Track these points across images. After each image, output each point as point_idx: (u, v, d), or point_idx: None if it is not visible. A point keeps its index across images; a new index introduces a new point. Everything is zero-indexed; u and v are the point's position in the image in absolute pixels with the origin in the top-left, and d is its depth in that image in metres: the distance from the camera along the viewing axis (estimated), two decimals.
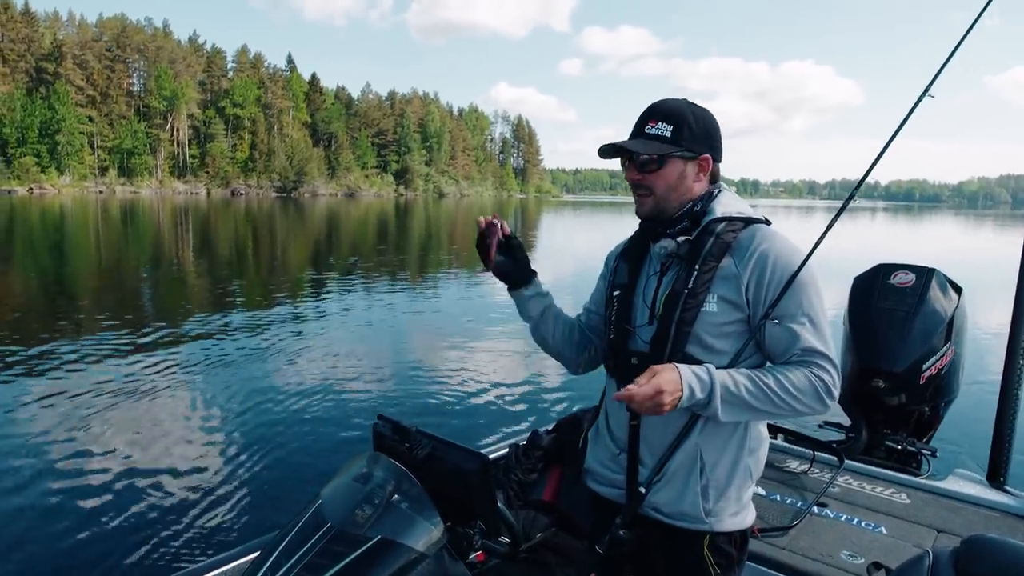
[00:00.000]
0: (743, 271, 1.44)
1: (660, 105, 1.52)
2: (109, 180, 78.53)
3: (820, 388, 1.40)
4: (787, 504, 2.51)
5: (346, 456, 1.81)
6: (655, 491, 1.50)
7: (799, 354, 1.42)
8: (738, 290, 1.44)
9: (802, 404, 1.40)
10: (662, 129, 1.48)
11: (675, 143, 1.48)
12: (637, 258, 1.61)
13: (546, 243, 29.50)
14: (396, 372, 7.41)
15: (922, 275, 3.25)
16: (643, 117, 1.52)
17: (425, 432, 1.70)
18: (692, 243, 1.49)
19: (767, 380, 1.39)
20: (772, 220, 1.55)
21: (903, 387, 3.13)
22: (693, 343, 1.45)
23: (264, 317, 10.29)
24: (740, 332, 1.46)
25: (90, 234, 26.80)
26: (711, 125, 1.53)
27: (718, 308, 1.44)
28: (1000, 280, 8.61)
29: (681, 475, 1.49)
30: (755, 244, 1.45)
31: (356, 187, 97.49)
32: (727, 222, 1.49)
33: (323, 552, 1.41)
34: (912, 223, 64.09)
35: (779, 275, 1.42)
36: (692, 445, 1.48)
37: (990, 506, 2.54)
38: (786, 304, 1.42)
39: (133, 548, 3.66)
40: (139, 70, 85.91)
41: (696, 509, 1.49)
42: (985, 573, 1.38)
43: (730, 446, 1.50)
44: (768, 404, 1.39)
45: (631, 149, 1.49)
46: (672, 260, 1.51)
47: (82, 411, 5.80)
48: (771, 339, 1.44)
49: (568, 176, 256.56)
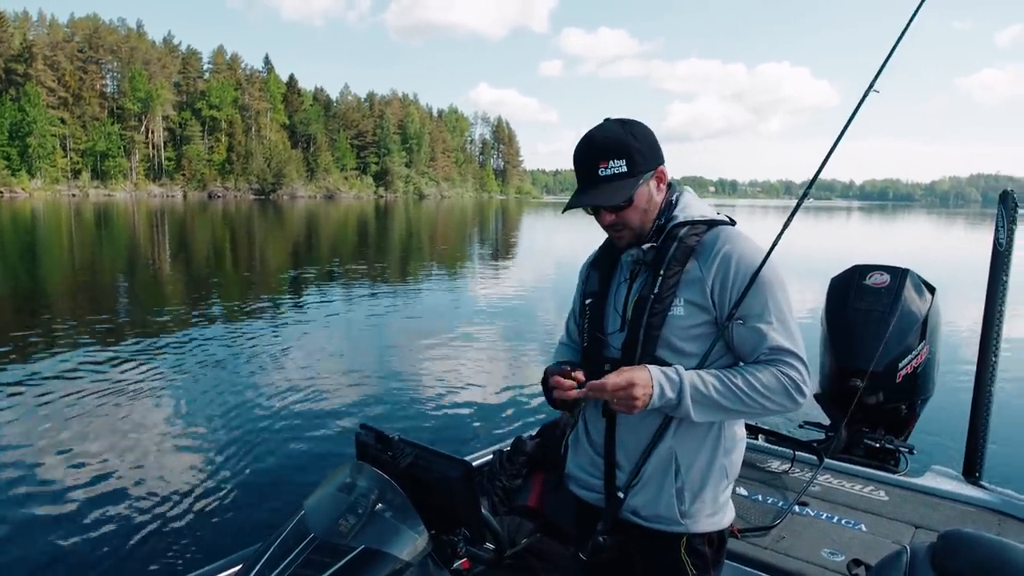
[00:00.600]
0: (707, 273, 1.46)
1: (601, 143, 1.48)
2: (82, 183, 77.07)
3: (789, 386, 1.42)
4: (768, 504, 2.53)
5: (329, 466, 1.80)
6: (632, 494, 1.52)
7: (767, 353, 1.44)
8: (703, 293, 1.46)
9: (772, 402, 1.42)
10: (616, 167, 1.46)
11: (632, 174, 1.47)
12: (608, 267, 1.63)
13: (527, 244, 29.54)
14: (378, 379, 7.34)
15: (897, 275, 3.31)
16: (589, 160, 1.48)
17: (408, 440, 1.70)
18: (657, 249, 1.51)
19: (735, 380, 1.41)
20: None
21: (880, 386, 3.17)
22: (663, 347, 1.47)
23: (243, 323, 10.17)
24: (708, 334, 1.48)
25: (63, 238, 26.27)
26: (649, 135, 1.52)
27: (685, 311, 1.46)
28: (971, 279, 8.79)
29: (656, 478, 1.51)
30: (718, 246, 1.47)
31: (335, 189, 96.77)
32: (690, 226, 1.51)
33: (306, 563, 1.41)
34: (886, 222, 65.13)
35: (743, 275, 1.44)
36: (667, 447, 1.50)
37: (966, 501, 2.58)
38: (751, 304, 1.44)
39: (111, 563, 3.59)
40: (112, 71, 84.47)
41: (671, 511, 1.51)
42: (961, 567, 1.41)
43: (705, 447, 1.52)
44: (738, 403, 1.41)
45: (599, 205, 1.49)
46: (639, 267, 1.54)
47: (55, 421, 5.68)
48: (739, 339, 1.47)
49: (548, 177, 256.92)
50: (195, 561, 3.56)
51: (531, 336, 9.77)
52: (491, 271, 18.44)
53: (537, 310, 12.14)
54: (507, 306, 12.34)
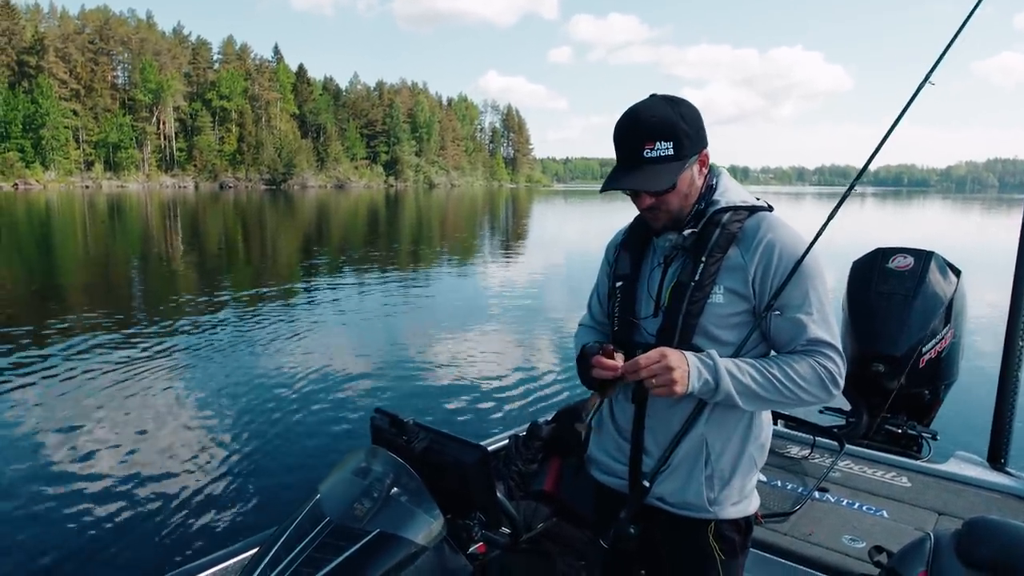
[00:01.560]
0: (749, 262, 1.42)
1: (647, 121, 1.40)
2: (95, 174, 77.66)
3: (826, 378, 1.40)
4: (788, 490, 2.50)
5: (344, 450, 1.80)
6: (659, 481, 1.49)
7: (805, 344, 1.41)
8: (745, 281, 1.42)
9: (808, 394, 1.40)
10: (663, 149, 1.39)
11: (679, 158, 1.41)
12: (640, 249, 1.58)
13: (538, 233, 29.47)
14: (393, 364, 7.36)
15: (921, 258, 3.24)
16: (634, 139, 1.40)
17: (423, 425, 1.69)
18: (698, 235, 1.46)
19: (772, 369, 1.39)
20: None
21: (903, 371, 3.12)
22: (699, 335, 1.44)
23: (257, 311, 10.21)
24: (745, 323, 1.44)
25: (77, 229, 26.52)
26: (697, 117, 1.45)
27: (724, 299, 1.43)
28: (997, 263, 8.65)
29: (686, 465, 1.49)
30: (761, 234, 1.43)
31: (346, 179, 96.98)
32: (732, 211, 1.46)
33: (322, 546, 1.41)
34: (901, 208, 64.42)
35: (785, 265, 1.40)
36: (698, 434, 1.47)
37: (991, 488, 2.54)
38: (792, 294, 1.41)
39: (131, 544, 3.64)
40: (123, 63, 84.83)
41: (700, 499, 1.49)
42: (987, 554, 1.40)
43: (736, 435, 1.50)
44: (774, 393, 1.39)
45: (643, 190, 1.42)
46: (676, 252, 1.49)
47: (76, 407, 5.74)
48: (777, 329, 1.44)
49: (559, 165, 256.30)
50: (212, 544, 3.60)
51: (544, 322, 9.75)
52: (504, 259, 18.42)
53: (550, 297, 12.12)
54: (520, 292, 12.34)
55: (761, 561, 2.12)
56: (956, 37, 1.61)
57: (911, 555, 1.51)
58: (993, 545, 1.41)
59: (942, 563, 1.44)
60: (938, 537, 1.49)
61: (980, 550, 1.41)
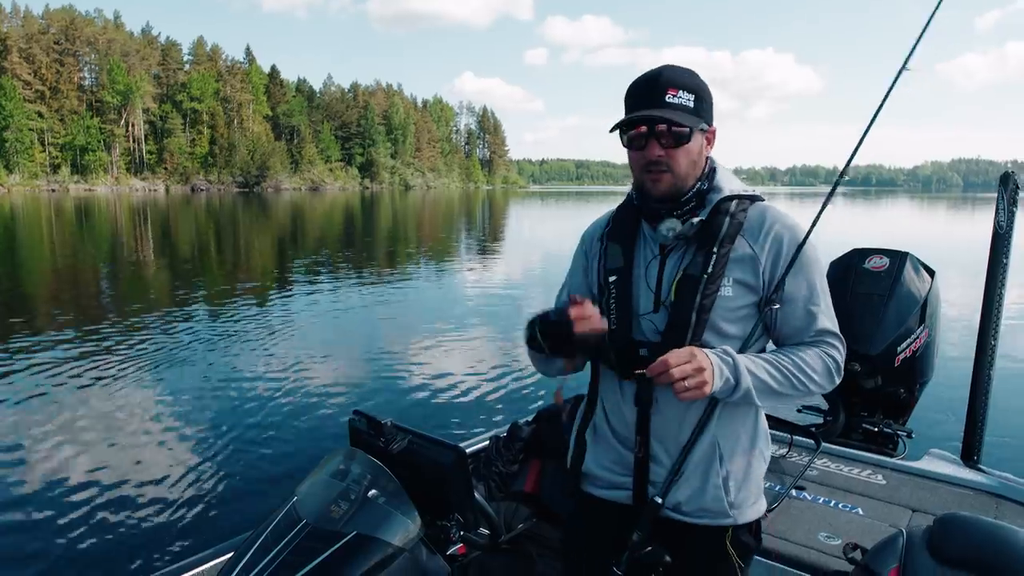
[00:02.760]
0: (760, 253, 1.38)
1: (675, 72, 1.37)
2: (62, 178, 75.98)
3: (832, 367, 1.39)
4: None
5: (321, 452, 1.78)
6: (673, 490, 1.41)
7: (813, 335, 1.39)
8: (756, 272, 1.38)
9: (816, 384, 1.38)
10: (685, 99, 1.34)
11: (698, 113, 1.37)
12: (630, 240, 1.48)
13: (515, 233, 29.49)
14: (371, 366, 7.30)
15: (896, 259, 3.28)
16: (658, 85, 1.35)
17: (401, 426, 1.69)
18: (704, 223, 1.39)
19: (785, 363, 1.36)
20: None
21: (879, 370, 3.15)
22: (709, 330, 1.37)
23: (232, 315, 10.05)
24: (751, 315, 1.40)
25: (43, 233, 25.88)
26: (711, 95, 1.43)
27: (733, 292, 1.37)
28: (968, 261, 8.82)
29: (701, 469, 1.41)
30: (768, 224, 1.39)
31: (320, 181, 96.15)
32: (737, 200, 1.41)
33: (297, 550, 1.40)
34: (872, 207, 65.72)
35: (791, 255, 1.38)
36: (710, 436, 1.40)
37: (964, 485, 2.57)
38: (800, 285, 1.38)
39: (101, 551, 3.57)
40: (90, 64, 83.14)
41: (719, 503, 1.42)
42: (957, 550, 1.42)
43: (744, 433, 1.45)
44: (788, 387, 1.36)
45: (670, 119, 1.33)
46: (677, 242, 1.41)
47: (43, 411, 5.59)
48: (785, 320, 1.40)
49: (535, 167, 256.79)
50: (186, 549, 3.55)
51: (523, 322, 9.68)
52: (481, 259, 18.39)
53: (528, 296, 12.12)
54: (499, 292, 12.33)
55: None
56: (931, 20, 1.62)
57: (884, 551, 1.53)
58: (964, 541, 1.43)
59: (914, 559, 1.46)
60: (911, 534, 1.51)
61: (951, 546, 1.43)
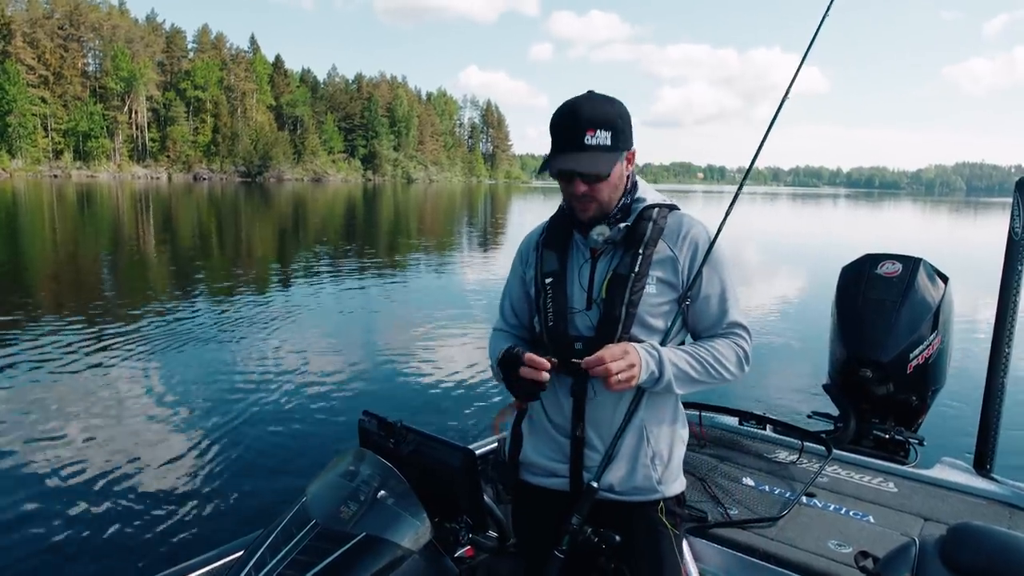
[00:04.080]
0: (679, 254, 1.55)
1: (591, 111, 1.49)
2: (64, 164, 75.72)
3: (743, 357, 1.57)
4: (775, 495, 2.49)
5: (331, 452, 1.77)
6: (606, 473, 1.55)
7: (725, 328, 1.58)
8: (675, 272, 1.54)
9: (730, 373, 1.56)
10: (602, 138, 1.48)
11: (615, 149, 1.50)
12: (563, 246, 1.64)
13: (517, 229, 29.41)
14: (380, 365, 7.25)
15: (908, 265, 3.26)
16: (576, 126, 1.48)
17: (410, 427, 1.69)
18: (630, 229, 1.56)
19: (703, 354, 1.53)
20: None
21: (890, 377, 3.13)
22: (636, 324, 1.52)
23: (238, 309, 10.01)
24: (670, 311, 1.56)
25: (45, 219, 25.83)
26: (629, 117, 1.55)
27: (656, 289, 1.53)
28: (982, 270, 8.77)
29: (631, 452, 1.57)
30: (684, 229, 1.57)
31: (323, 172, 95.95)
32: (657, 208, 1.59)
33: (308, 549, 1.41)
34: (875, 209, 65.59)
35: (704, 256, 1.56)
36: (639, 421, 1.56)
37: (977, 494, 2.55)
38: (713, 282, 1.57)
39: (113, 548, 3.56)
40: (94, 50, 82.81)
41: (649, 481, 1.58)
42: (971, 560, 1.42)
43: (667, 418, 1.61)
44: (705, 376, 1.53)
45: (585, 171, 1.48)
46: (607, 246, 1.57)
47: (52, 407, 5.57)
48: (700, 314, 1.58)
49: (537, 162, 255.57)
50: (197, 547, 3.52)
51: None
52: (485, 255, 18.37)
53: None
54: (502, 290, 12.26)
55: (748, 566, 2.10)
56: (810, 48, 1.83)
57: (897, 560, 1.52)
58: (977, 551, 1.42)
59: (927, 568, 1.45)
60: (923, 542, 1.50)
61: (964, 555, 1.42)
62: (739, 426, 3.10)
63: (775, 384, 6.68)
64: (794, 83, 1.87)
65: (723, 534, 2.18)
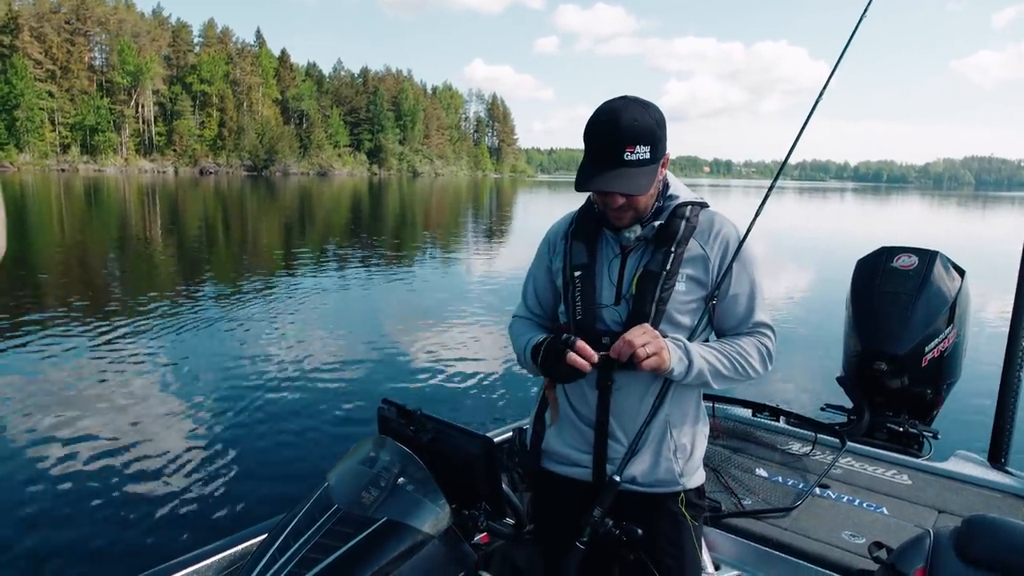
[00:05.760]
0: (710, 252, 1.56)
1: (628, 126, 1.44)
2: (72, 158, 75.99)
3: (767, 355, 1.60)
4: (789, 486, 2.50)
5: (351, 439, 1.80)
6: (629, 465, 1.56)
7: (751, 326, 1.59)
8: (706, 270, 1.55)
9: (754, 370, 1.58)
10: (642, 153, 1.45)
11: (654, 161, 1.49)
12: (592, 238, 1.63)
13: (522, 224, 29.38)
14: (396, 356, 7.30)
15: (925, 257, 3.25)
16: (617, 142, 1.44)
17: (429, 415, 1.71)
18: (663, 226, 1.56)
19: (730, 350, 1.55)
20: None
21: (905, 370, 3.13)
22: (665, 321, 1.53)
23: (250, 300, 10.06)
24: (698, 308, 1.57)
25: (53, 212, 25.95)
26: (665, 122, 1.53)
27: (685, 287, 1.54)
28: (996, 264, 8.73)
29: (655, 444, 1.58)
30: (716, 227, 1.58)
31: (328, 166, 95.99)
32: (690, 206, 1.59)
33: (330, 534, 1.44)
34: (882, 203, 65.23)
35: (732, 255, 1.57)
36: (663, 414, 1.57)
37: (991, 486, 2.55)
38: (742, 281, 1.58)
39: (137, 532, 3.65)
40: (100, 44, 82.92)
41: (671, 474, 1.60)
42: (985, 552, 1.42)
43: (690, 411, 1.63)
44: (732, 372, 1.55)
45: (627, 193, 1.47)
46: (638, 243, 1.57)
47: (70, 393, 5.65)
48: (727, 313, 1.60)
49: (543, 156, 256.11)
50: (222, 529, 3.57)
51: None
52: (495, 246, 18.38)
53: None
54: (517, 279, 12.28)
55: (762, 555, 2.12)
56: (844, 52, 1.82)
57: (911, 551, 1.52)
58: (992, 543, 1.42)
59: (941, 560, 1.46)
60: (937, 534, 1.50)
61: (979, 547, 1.42)
62: (753, 418, 3.11)
63: (789, 376, 6.69)
64: (827, 87, 1.87)
65: (737, 524, 2.20)
